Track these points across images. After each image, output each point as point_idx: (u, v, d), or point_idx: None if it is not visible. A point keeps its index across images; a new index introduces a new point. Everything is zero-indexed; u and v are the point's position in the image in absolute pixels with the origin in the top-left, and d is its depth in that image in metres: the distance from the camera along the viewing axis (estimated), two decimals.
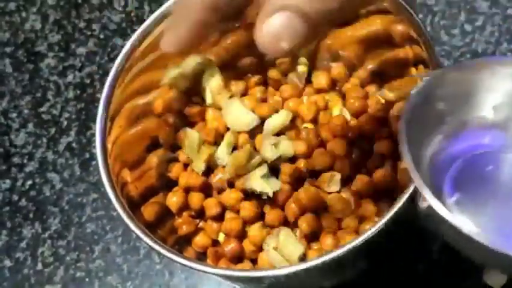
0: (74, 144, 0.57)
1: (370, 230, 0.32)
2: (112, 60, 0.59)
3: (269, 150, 0.39)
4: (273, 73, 0.45)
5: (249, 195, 0.40)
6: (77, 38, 0.62)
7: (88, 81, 0.59)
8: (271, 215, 0.39)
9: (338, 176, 0.39)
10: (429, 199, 0.25)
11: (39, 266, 0.52)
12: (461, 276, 0.46)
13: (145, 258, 0.51)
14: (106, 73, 0.58)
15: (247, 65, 0.45)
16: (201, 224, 0.42)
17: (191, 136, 0.42)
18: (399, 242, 0.43)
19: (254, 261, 0.40)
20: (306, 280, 0.37)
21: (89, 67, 0.60)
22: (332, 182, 0.39)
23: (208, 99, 0.44)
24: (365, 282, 0.46)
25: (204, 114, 0.44)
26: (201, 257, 0.41)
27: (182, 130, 0.43)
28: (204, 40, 0.27)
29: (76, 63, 0.60)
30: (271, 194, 0.38)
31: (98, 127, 0.38)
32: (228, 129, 0.42)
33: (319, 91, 0.44)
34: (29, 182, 0.56)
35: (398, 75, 0.41)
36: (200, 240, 0.41)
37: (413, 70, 0.39)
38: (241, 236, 0.40)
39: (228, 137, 0.41)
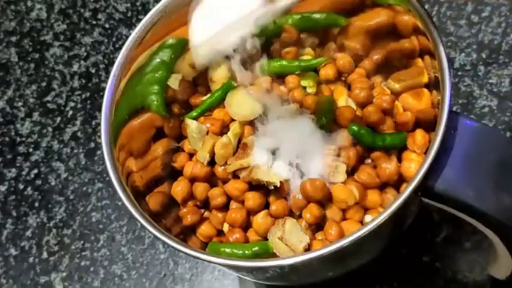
0: (79, 134, 0.57)
1: (375, 221, 0.32)
2: (118, 49, 0.59)
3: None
4: None
5: (254, 185, 0.40)
6: (83, 27, 0.62)
7: (93, 70, 0.59)
8: (276, 205, 0.39)
9: (343, 167, 0.39)
10: None
11: (45, 255, 0.53)
12: (466, 267, 0.46)
13: (150, 247, 0.51)
14: (112, 62, 0.58)
15: (253, 55, 0.45)
16: (206, 213, 0.42)
17: (196, 126, 0.42)
18: (404, 233, 0.43)
19: None
20: (311, 270, 0.38)
21: (95, 56, 0.60)
22: (337, 173, 0.39)
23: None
24: (369, 272, 0.46)
25: None
26: (206, 246, 0.41)
27: (187, 120, 0.43)
28: None
29: (81, 52, 0.60)
30: (278, 184, 0.38)
31: (103, 116, 0.38)
32: (233, 119, 0.42)
33: (325, 82, 0.44)
34: (35, 171, 0.56)
35: (403, 66, 0.41)
36: (205, 230, 0.41)
37: (419, 61, 0.39)
38: (246, 226, 0.40)
39: (235, 128, 0.41)
